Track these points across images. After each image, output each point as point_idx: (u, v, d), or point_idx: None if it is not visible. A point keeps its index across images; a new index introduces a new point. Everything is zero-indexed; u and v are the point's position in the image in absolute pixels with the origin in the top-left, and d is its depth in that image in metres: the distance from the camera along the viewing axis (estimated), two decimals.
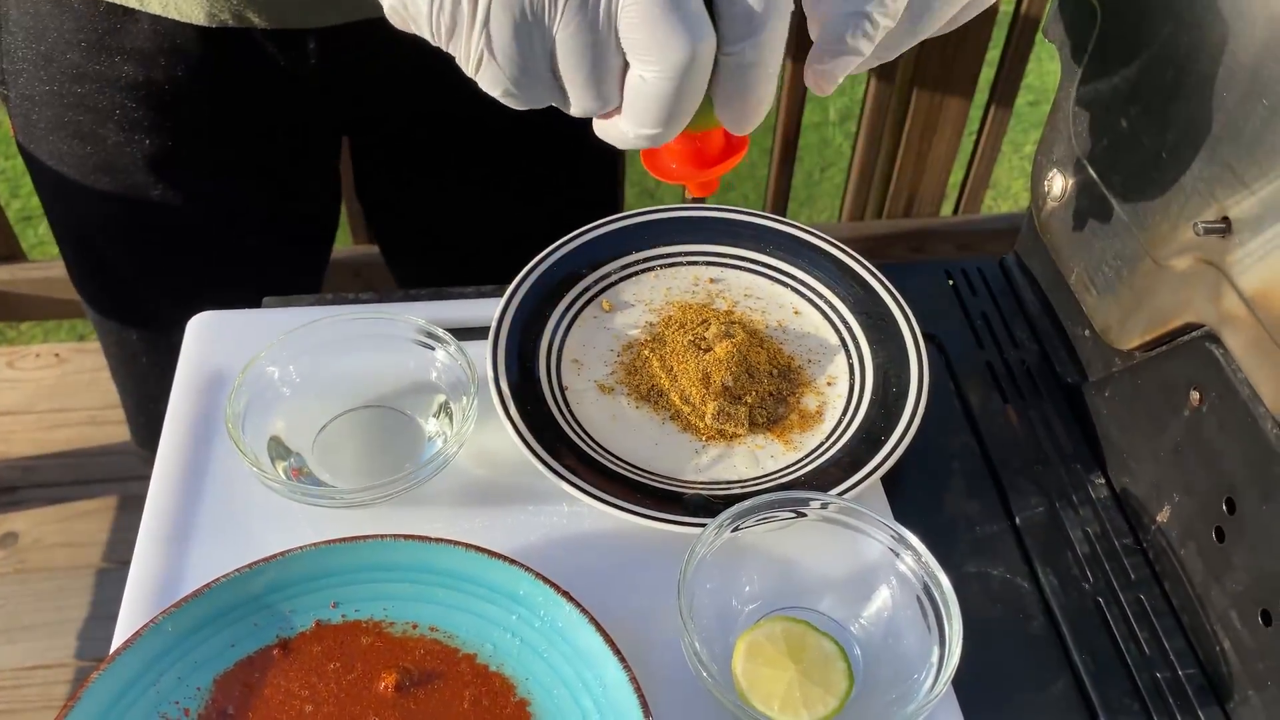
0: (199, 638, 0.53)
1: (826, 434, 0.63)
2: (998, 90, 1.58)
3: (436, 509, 0.61)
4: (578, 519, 0.61)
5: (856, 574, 0.56)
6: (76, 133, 0.79)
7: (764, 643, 0.53)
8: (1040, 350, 0.71)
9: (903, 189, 1.69)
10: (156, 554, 0.59)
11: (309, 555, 0.55)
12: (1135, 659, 0.57)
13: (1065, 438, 0.66)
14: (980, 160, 1.67)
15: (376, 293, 0.73)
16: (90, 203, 0.84)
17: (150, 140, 0.79)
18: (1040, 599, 0.59)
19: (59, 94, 0.77)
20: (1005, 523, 0.63)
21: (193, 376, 0.66)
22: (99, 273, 0.91)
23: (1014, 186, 2.32)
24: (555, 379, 0.65)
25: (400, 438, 0.63)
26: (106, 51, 0.74)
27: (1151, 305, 0.59)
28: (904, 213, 1.73)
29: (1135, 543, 0.61)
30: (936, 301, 0.75)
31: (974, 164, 1.68)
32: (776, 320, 0.69)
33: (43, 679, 1.47)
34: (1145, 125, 0.59)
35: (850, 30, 0.44)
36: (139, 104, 0.76)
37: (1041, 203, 0.69)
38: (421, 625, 0.55)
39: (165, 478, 0.62)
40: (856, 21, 0.44)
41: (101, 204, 0.83)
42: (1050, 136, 0.68)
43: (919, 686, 0.51)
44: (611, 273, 0.70)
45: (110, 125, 0.78)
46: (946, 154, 1.64)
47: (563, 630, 0.53)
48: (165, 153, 0.80)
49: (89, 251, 0.90)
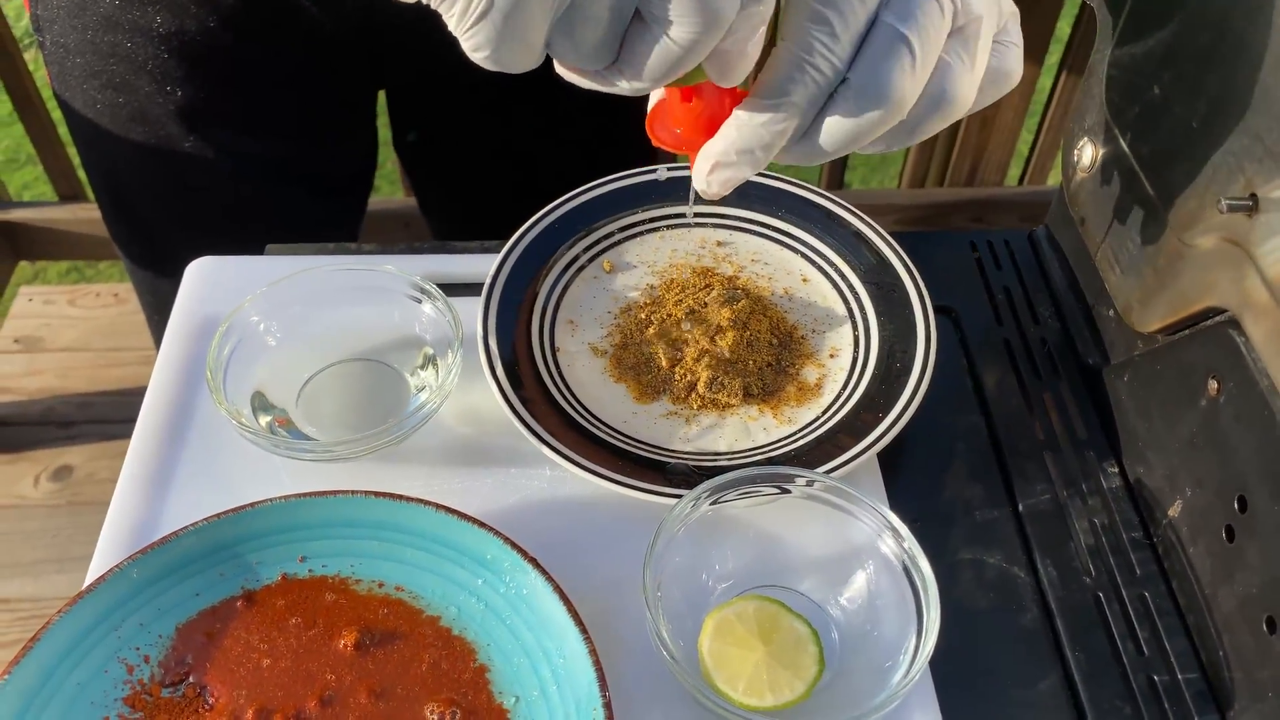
0: (164, 585, 0.53)
1: (823, 408, 0.60)
2: (1070, 55, 1.51)
3: (417, 466, 0.60)
4: (559, 484, 0.59)
5: (839, 555, 0.54)
6: (109, 82, 0.79)
7: (734, 621, 0.51)
8: (1063, 329, 0.68)
9: (966, 156, 1.63)
10: (136, 497, 0.58)
11: (278, 508, 0.54)
12: (1132, 659, 0.53)
13: (1080, 423, 0.63)
14: (1049, 129, 1.60)
15: (379, 245, 0.71)
16: (122, 152, 0.84)
17: (183, 92, 0.78)
18: (1036, 591, 0.56)
19: (92, 42, 0.77)
20: (1007, 509, 0.60)
21: (186, 321, 0.66)
22: (130, 221, 0.91)
23: None
24: (548, 339, 0.63)
25: (386, 392, 0.62)
26: (139, 0, 0.73)
27: (1174, 286, 0.55)
28: (967, 181, 1.67)
29: (1145, 537, 0.58)
30: (957, 273, 0.71)
31: (1042, 132, 1.62)
32: (783, 287, 0.67)
33: None
34: (1178, 92, 0.54)
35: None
36: (172, 54, 0.76)
37: (1071, 172, 0.65)
38: (387, 584, 0.54)
39: (150, 421, 0.61)
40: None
41: (133, 154, 0.83)
42: (1084, 103, 0.64)
43: (893, 674, 0.49)
44: (614, 232, 0.68)
45: (143, 76, 0.77)
46: (1014, 120, 1.58)
47: (527, 598, 0.52)
48: (198, 105, 0.79)
49: (121, 200, 0.90)
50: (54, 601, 1.50)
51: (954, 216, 1.70)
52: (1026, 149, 1.68)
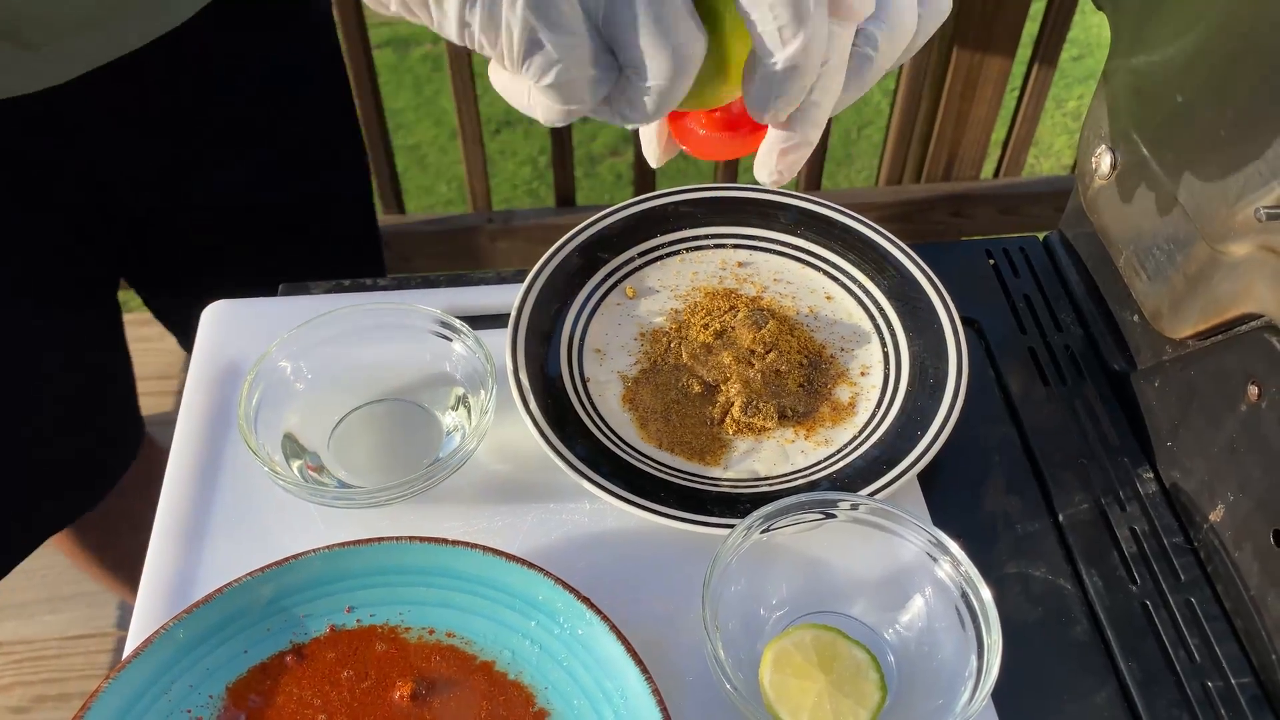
0: (211, 644, 0.52)
1: (860, 427, 0.60)
2: (1041, 46, 1.52)
3: (454, 506, 0.59)
4: (599, 517, 0.59)
5: (890, 578, 0.54)
6: None
7: (792, 651, 0.51)
8: (1085, 335, 0.68)
9: (942, 150, 1.64)
10: (172, 551, 0.57)
11: (323, 558, 0.53)
12: (1185, 666, 0.54)
13: (1111, 429, 0.63)
14: (1023, 120, 1.62)
15: (394, 277, 0.70)
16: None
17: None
18: (1084, 601, 0.57)
19: None
20: (1047, 520, 0.60)
21: (206, 368, 0.65)
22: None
23: (1056, 143, 2.25)
24: (577, 370, 0.63)
25: (417, 432, 0.62)
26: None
27: (1206, 293, 0.56)
28: (944, 175, 1.68)
29: (1185, 541, 0.58)
30: (976, 283, 0.71)
31: (1016, 124, 1.63)
32: (808, 306, 0.66)
33: (85, 648, 1.48)
34: (1203, 99, 0.55)
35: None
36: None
37: (1088, 180, 0.66)
38: (438, 631, 0.53)
39: (179, 471, 0.60)
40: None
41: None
42: (1098, 110, 0.64)
43: (955, 700, 0.49)
44: (635, 257, 0.68)
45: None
46: (988, 114, 1.59)
47: (583, 638, 0.51)
48: None
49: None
50: (48, 643, 1.47)
51: (934, 211, 1.71)
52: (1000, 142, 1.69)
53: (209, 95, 0.75)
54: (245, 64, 0.76)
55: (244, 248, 0.86)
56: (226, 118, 0.77)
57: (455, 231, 1.58)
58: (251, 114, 0.78)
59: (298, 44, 0.80)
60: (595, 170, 2.15)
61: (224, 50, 0.74)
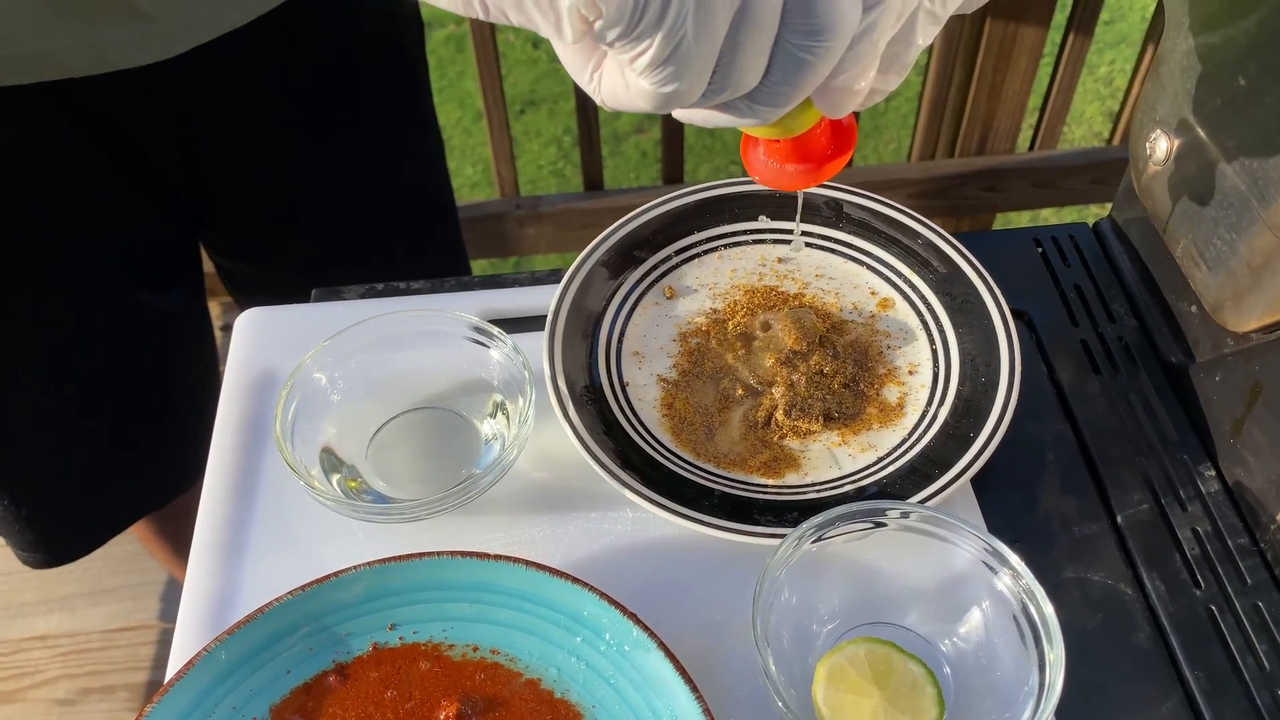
0: (253, 665, 0.51)
1: (909, 429, 0.59)
2: (1077, 14, 1.48)
3: (494, 517, 0.58)
4: (643, 526, 0.57)
5: (943, 587, 0.52)
6: None
7: (846, 667, 0.50)
8: (1139, 326, 0.66)
9: (976, 124, 1.60)
10: (211, 566, 0.57)
11: (365, 575, 0.52)
12: (1253, 674, 0.52)
13: (1170, 424, 0.61)
14: (1058, 91, 1.58)
15: (428, 281, 0.69)
16: None
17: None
18: (1146, 607, 0.55)
19: None
20: (1105, 522, 0.58)
21: (242, 376, 0.64)
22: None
23: (1088, 111, 2.21)
24: (616, 374, 0.61)
25: (456, 440, 0.60)
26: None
27: (1272, 285, 0.53)
28: (977, 150, 1.64)
29: (1251, 543, 0.56)
30: (1025, 273, 0.69)
31: (1051, 95, 1.59)
32: (851, 303, 0.65)
33: (128, 640, 1.49)
34: (1266, 84, 0.52)
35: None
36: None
37: (1143, 165, 0.63)
38: (482, 648, 0.52)
39: (217, 485, 0.59)
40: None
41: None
42: (1153, 93, 0.62)
43: (1017, 716, 0.47)
44: (671, 255, 0.66)
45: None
46: (1022, 86, 1.55)
47: (629, 655, 0.50)
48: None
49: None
50: (91, 635, 1.48)
51: (967, 187, 1.67)
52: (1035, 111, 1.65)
53: (301, 78, 0.78)
54: (334, 49, 0.79)
55: (317, 227, 0.88)
56: (310, 100, 0.80)
57: (483, 218, 1.57)
58: (332, 96, 0.81)
59: (376, 27, 0.81)
60: (620, 149, 2.13)
61: (315, 34, 0.76)
